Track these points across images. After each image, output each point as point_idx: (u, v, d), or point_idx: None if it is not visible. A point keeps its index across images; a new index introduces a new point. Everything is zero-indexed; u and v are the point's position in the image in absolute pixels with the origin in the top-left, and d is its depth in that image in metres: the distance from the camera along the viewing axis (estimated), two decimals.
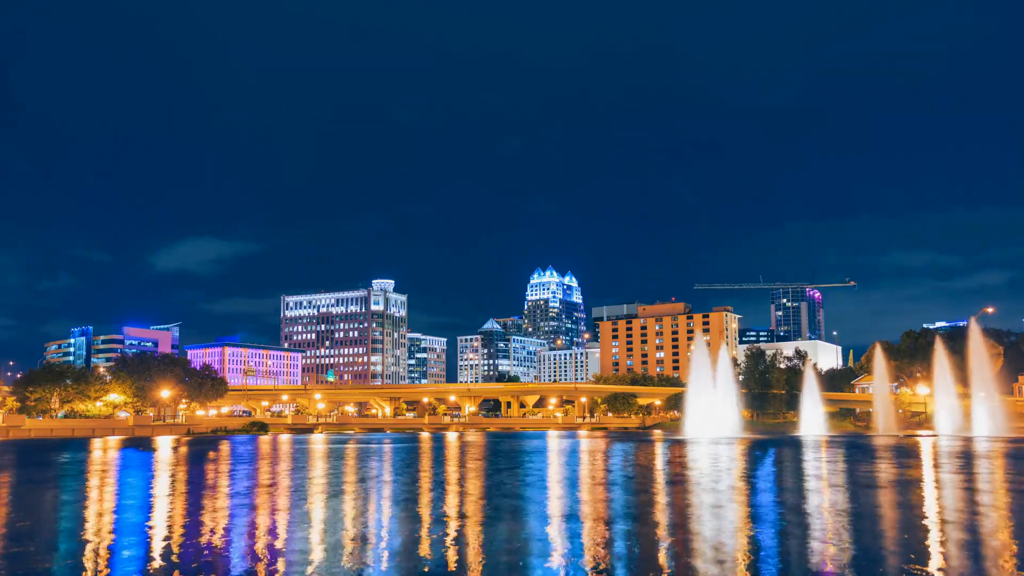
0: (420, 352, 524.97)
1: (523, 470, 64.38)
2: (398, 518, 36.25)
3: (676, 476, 58.35)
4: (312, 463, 74.33)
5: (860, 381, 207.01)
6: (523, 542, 29.36)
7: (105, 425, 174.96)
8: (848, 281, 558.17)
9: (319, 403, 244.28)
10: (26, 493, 51.13)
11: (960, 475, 56.80)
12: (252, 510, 39.41)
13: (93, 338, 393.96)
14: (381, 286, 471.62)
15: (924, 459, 75.25)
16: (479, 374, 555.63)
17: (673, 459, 76.66)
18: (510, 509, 38.92)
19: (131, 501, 44.67)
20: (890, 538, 30.43)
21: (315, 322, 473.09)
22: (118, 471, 69.50)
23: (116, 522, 36.22)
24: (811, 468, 66.71)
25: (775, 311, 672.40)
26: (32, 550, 28.86)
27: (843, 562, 25.00)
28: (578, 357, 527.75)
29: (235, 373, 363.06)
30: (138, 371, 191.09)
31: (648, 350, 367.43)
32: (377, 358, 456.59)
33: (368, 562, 25.72)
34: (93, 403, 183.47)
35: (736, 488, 48.29)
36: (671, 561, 25.63)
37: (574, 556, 26.33)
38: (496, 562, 25.75)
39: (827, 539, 29.30)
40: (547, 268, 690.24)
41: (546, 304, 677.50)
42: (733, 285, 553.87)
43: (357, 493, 47.13)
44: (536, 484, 51.76)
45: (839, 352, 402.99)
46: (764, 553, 26.77)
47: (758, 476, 57.85)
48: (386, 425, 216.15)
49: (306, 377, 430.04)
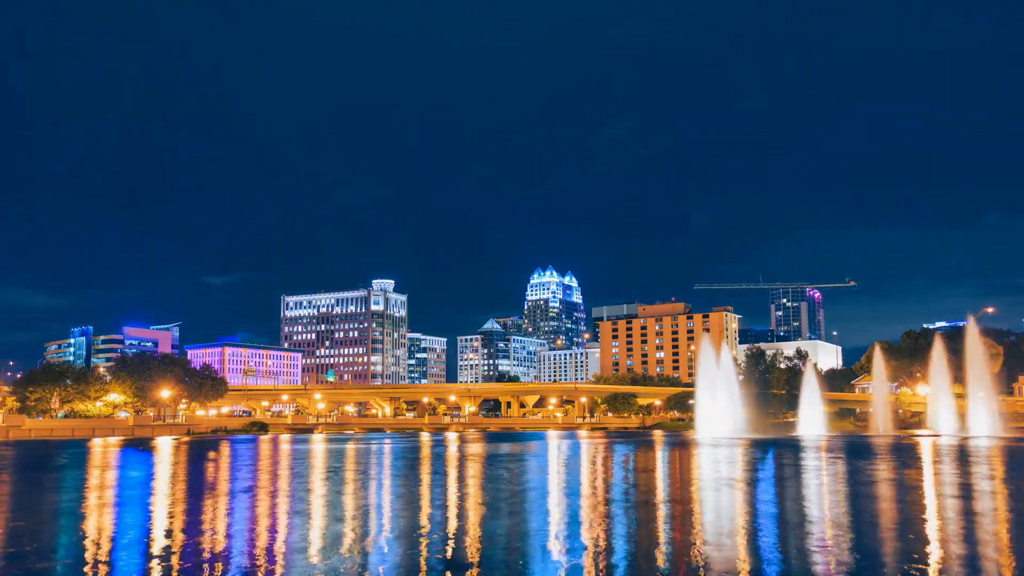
0: (420, 352, 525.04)
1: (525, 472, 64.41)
2: (398, 517, 36.30)
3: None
4: (312, 463, 74.40)
5: (860, 381, 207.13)
6: (522, 541, 29.43)
7: (105, 425, 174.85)
8: (848, 281, 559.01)
9: (319, 403, 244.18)
10: (26, 493, 51.19)
11: (940, 475, 56.86)
12: (252, 510, 39.47)
13: (93, 338, 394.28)
14: (381, 286, 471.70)
15: (887, 458, 75.33)
16: (479, 374, 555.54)
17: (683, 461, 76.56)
18: (509, 508, 38.97)
19: (131, 501, 44.72)
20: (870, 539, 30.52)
21: (315, 322, 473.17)
22: (118, 471, 69.56)
23: (116, 522, 36.27)
24: (793, 470, 66.83)
25: (775, 311, 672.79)
26: (32, 550, 28.89)
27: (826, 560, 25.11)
28: (578, 357, 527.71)
29: (235, 373, 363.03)
30: (138, 371, 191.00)
31: (648, 350, 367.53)
32: (377, 358, 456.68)
33: (368, 562, 25.78)
34: (93, 403, 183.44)
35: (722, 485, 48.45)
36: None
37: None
38: (496, 562, 25.81)
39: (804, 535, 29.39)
40: (547, 268, 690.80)
41: (546, 304, 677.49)
42: (733, 285, 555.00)
43: (357, 493, 47.18)
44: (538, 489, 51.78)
45: (839, 352, 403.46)
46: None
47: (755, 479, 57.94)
48: (386, 425, 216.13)
49: (306, 377, 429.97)
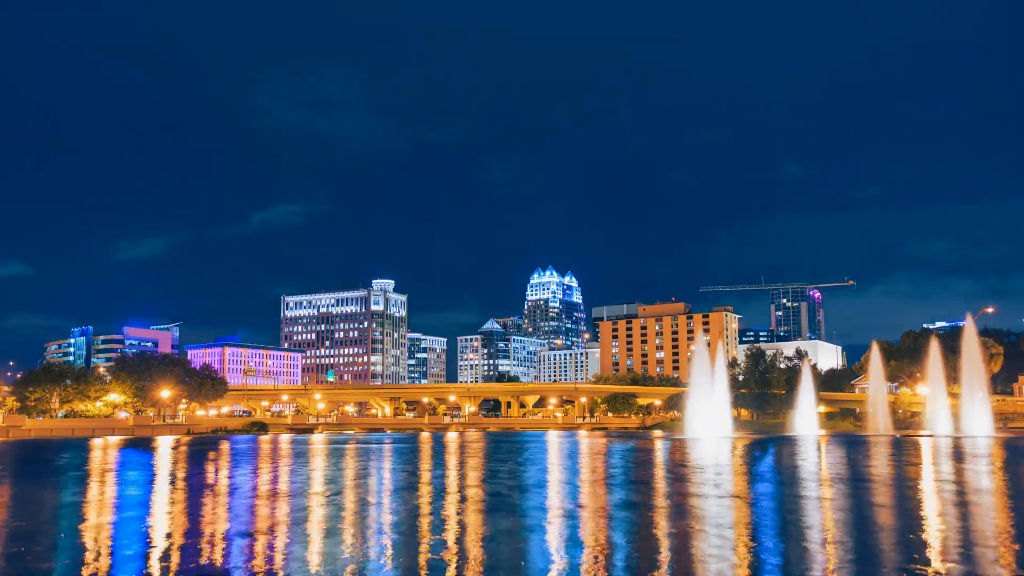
0: (420, 352, 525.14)
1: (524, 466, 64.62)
2: (398, 517, 36.44)
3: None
4: (312, 463, 74.56)
5: (860, 381, 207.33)
6: (522, 540, 29.60)
7: (105, 425, 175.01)
8: (848, 281, 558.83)
9: (319, 403, 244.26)
10: (26, 493, 51.30)
11: (919, 472, 57.07)
12: (252, 509, 39.60)
13: (93, 338, 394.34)
14: (381, 286, 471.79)
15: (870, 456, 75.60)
16: (479, 374, 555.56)
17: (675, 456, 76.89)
18: (508, 508, 39.14)
19: (131, 501, 44.85)
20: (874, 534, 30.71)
21: (315, 322, 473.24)
22: (118, 471, 69.69)
23: (116, 522, 36.39)
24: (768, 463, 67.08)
25: (775, 311, 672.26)
26: (32, 550, 29.02)
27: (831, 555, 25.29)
28: (578, 357, 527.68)
29: (235, 373, 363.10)
30: (138, 371, 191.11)
31: (648, 350, 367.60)
32: (377, 358, 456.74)
33: (369, 562, 25.94)
34: (93, 403, 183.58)
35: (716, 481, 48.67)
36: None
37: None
38: (496, 561, 25.99)
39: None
40: (547, 268, 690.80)
41: (546, 304, 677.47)
42: (733, 285, 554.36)
43: (357, 492, 47.34)
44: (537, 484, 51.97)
45: (839, 352, 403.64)
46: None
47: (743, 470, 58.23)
48: (386, 425, 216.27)
49: (306, 377, 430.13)
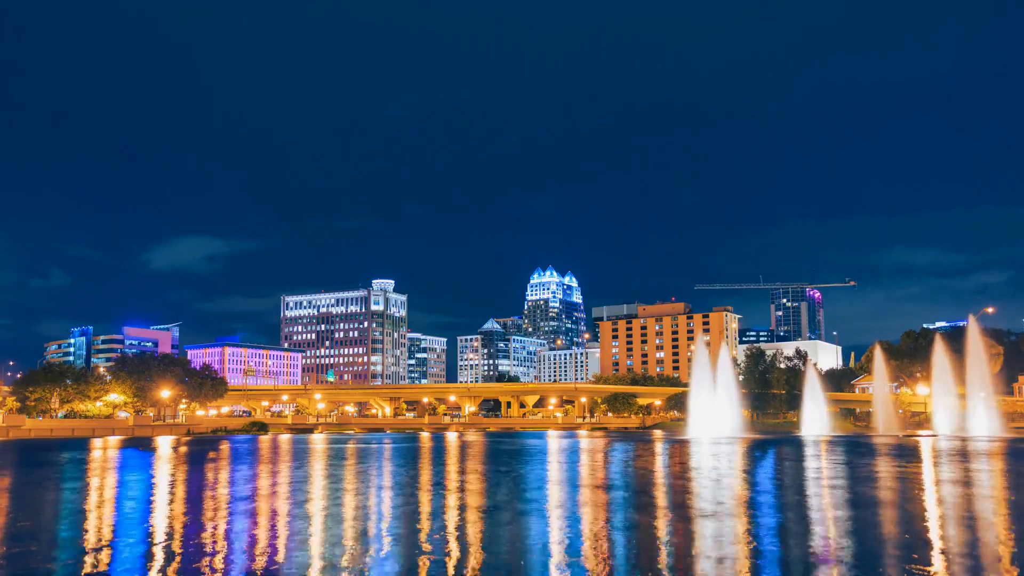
0: (420, 352, 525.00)
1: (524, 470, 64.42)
2: (398, 518, 36.28)
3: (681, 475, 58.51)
4: (312, 463, 74.36)
5: (860, 381, 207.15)
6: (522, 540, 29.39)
7: (105, 425, 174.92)
8: (848, 281, 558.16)
9: (319, 403, 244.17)
10: (26, 493, 51.16)
11: (933, 474, 56.88)
12: (252, 509, 39.42)
13: (93, 338, 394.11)
14: (381, 286, 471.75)
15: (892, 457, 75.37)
16: (479, 374, 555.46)
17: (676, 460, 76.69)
18: (509, 508, 38.95)
19: (131, 501, 44.70)
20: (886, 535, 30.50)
21: (315, 322, 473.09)
22: (118, 471, 69.52)
23: (116, 522, 36.25)
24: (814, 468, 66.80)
25: (775, 311, 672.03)
26: (32, 550, 28.89)
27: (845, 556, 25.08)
28: (578, 357, 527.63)
29: (235, 373, 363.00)
30: (138, 371, 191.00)
31: (648, 350, 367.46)
32: (377, 358, 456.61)
33: (368, 562, 25.74)
34: (93, 403, 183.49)
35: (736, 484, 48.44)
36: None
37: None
38: (496, 561, 25.79)
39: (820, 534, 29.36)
40: (547, 268, 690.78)
41: (546, 304, 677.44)
42: (733, 285, 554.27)
43: (357, 492, 47.15)
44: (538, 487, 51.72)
45: (839, 352, 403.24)
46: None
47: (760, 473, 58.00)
48: (386, 425, 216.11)
49: (306, 377, 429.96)
